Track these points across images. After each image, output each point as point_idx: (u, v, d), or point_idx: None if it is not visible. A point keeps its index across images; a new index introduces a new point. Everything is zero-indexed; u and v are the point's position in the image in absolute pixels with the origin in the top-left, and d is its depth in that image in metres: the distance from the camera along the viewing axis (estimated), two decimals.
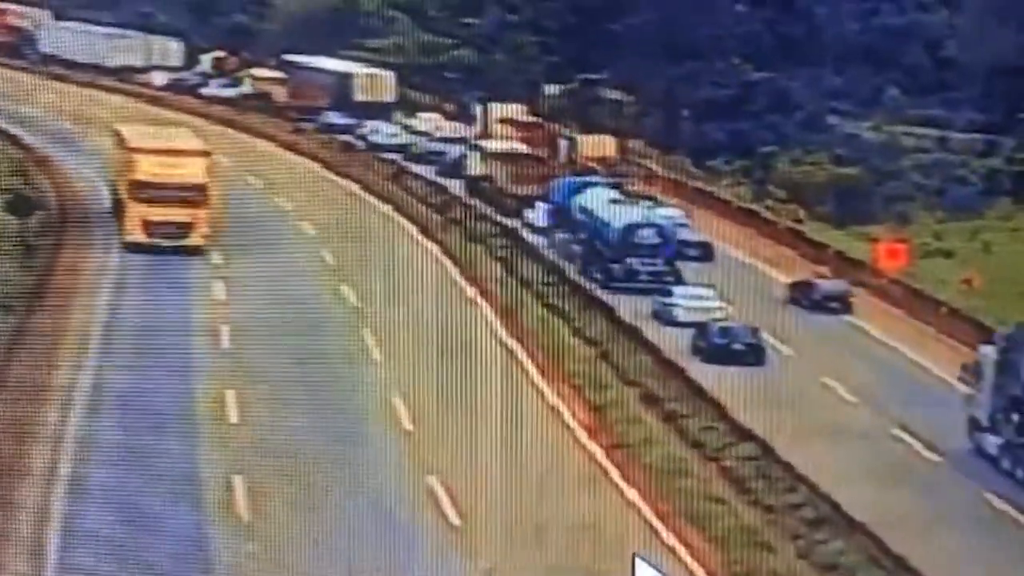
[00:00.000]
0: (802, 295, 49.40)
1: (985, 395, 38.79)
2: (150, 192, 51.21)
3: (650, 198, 54.64)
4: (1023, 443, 37.33)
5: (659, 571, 25.59)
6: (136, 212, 51.58)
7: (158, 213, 51.18)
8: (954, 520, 34.63)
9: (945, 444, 38.64)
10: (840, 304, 49.26)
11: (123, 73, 64.93)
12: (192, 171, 51.73)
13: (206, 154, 52.47)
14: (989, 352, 39.40)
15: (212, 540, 32.82)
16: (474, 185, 57.05)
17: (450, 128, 61.91)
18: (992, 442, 38.29)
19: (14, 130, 58.40)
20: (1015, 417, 37.68)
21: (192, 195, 51.24)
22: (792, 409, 38.80)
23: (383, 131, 61.92)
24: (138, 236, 51.41)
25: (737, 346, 44.66)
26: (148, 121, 59.03)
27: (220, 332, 43.90)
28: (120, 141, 53.96)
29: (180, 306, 46.25)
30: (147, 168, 51.61)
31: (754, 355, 44.55)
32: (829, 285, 49.72)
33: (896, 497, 35.46)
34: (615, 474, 37.31)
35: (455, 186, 57.27)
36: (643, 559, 25.85)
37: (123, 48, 65.86)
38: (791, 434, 36.77)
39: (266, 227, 50.71)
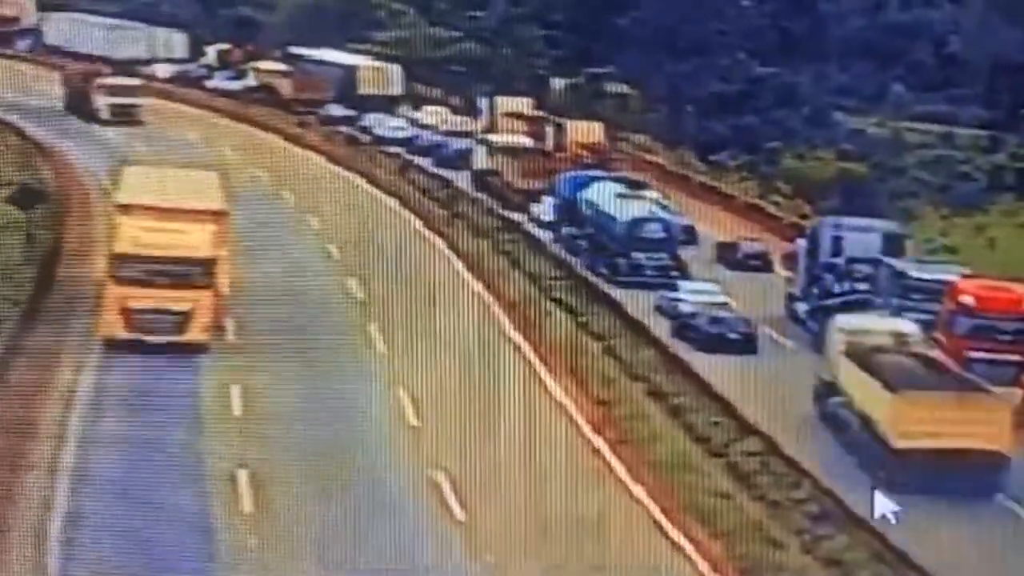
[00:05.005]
0: (727, 254, 53.05)
1: (799, 276, 48.92)
2: (134, 269, 40.34)
3: (638, 182, 54.79)
4: (819, 306, 47.19)
5: None
6: (114, 295, 40.20)
7: (144, 297, 40.19)
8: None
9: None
10: (760, 262, 53.08)
11: (128, 65, 64.79)
12: (195, 240, 41.06)
13: (218, 215, 42.24)
14: (802, 243, 49.55)
15: (215, 532, 32.85)
16: (480, 179, 57.06)
17: (456, 122, 61.88)
18: (801, 308, 48.38)
19: (18, 121, 57.99)
20: (815, 289, 48.07)
21: (193, 273, 40.92)
22: None
23: (388, 124, 61.87)
24: (116, 330, 40.18)
25: (731, 335, 45.19)
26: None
27: (225, 325, 43.83)
28: (113, 189, 44.52)
29: None
30: (133, 234, 40.66)
31: (747, 344, 45.10)
32: (750, 246, 53.64)
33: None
34: (620, 469, 37.33)
35: (461, 180, 57.29)
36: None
37: (128, 40, 65.75)
38: None
39: (270, 220, 50.47)
